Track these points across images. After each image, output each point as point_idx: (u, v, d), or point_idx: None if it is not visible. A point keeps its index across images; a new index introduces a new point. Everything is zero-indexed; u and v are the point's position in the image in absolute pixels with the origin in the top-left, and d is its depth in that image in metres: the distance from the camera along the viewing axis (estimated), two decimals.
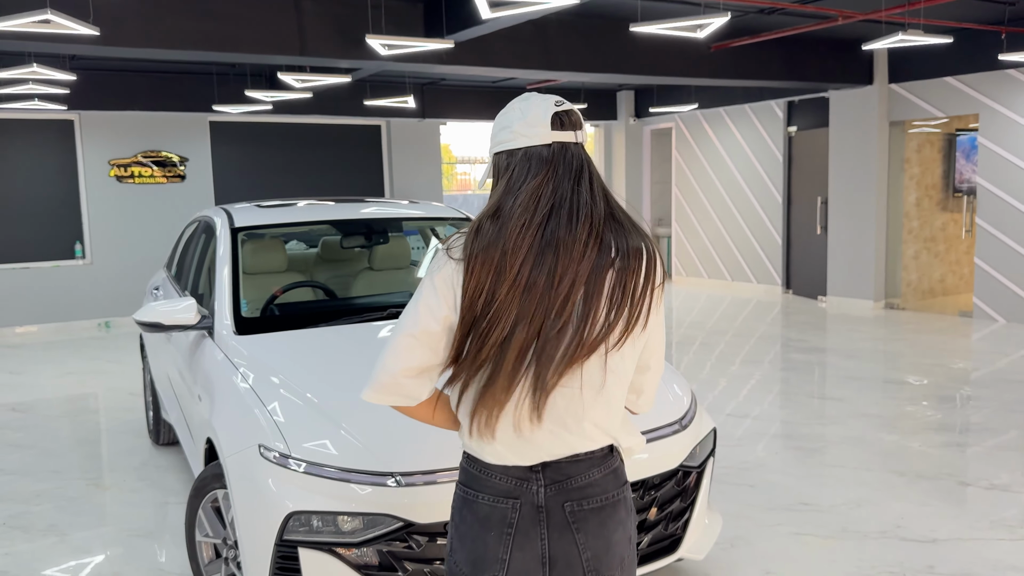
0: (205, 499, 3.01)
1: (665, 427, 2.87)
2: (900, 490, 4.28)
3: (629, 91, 13.43)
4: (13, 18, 4.77)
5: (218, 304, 3.50)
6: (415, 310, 1.65)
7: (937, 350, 7.69)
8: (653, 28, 5.64)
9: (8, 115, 9.68)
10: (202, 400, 3.22)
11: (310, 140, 11.57)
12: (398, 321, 1.68)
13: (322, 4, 6.56)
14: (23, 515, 4.25)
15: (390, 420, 2.59)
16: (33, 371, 7.80)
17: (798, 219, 11.28)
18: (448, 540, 1.78)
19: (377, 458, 2.55)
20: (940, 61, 9.20)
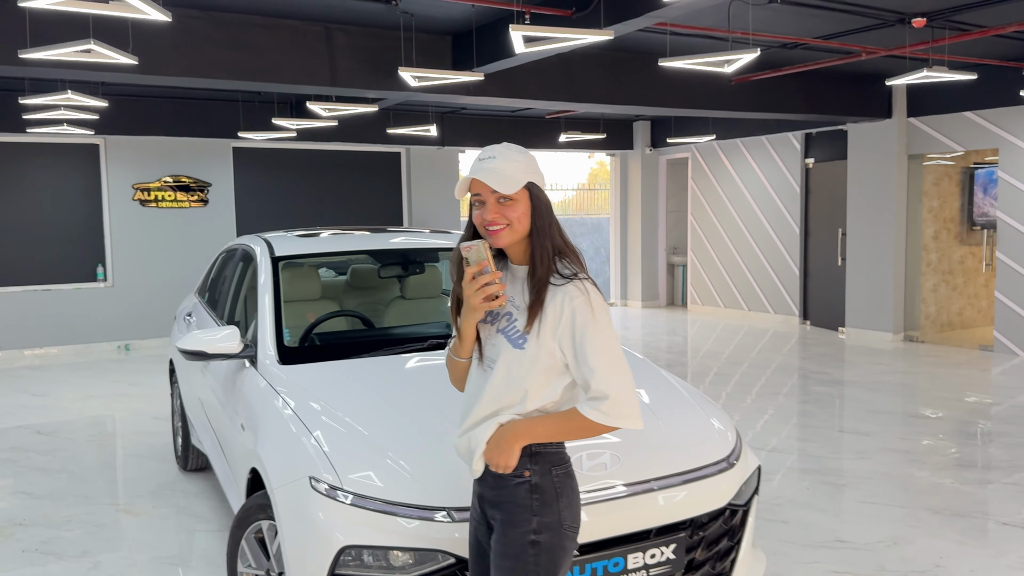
0: (249, 530, 3.01)
1: (713, 465, 2.87)
2: (936, 528, 4.25)
3: (646, 121, 13.52)
4: (58, 47, 4.86)
5: (260, 334, 3.52)
6: (615, 334, 2.07)
7: (960, 384, 7.66)
8: (682, 63, 5.70)
9: (35, 139, 9.81)
10: (246, 429, 3.24)
11: (331, 166, 11.67)
12: (608, 346, 2.03)
13: (353, 37, 6.65)
14: (55, 540, 4.26)
15: (439, 453, 2.62)
16: (56, 393, 7.83)
17: (816, 250, 11.29)
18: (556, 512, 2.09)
19: (429, 492, 2.56)
20: (959, 96, 9.25)
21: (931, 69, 6.33)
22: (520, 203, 2.06)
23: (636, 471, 2.71)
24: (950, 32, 6.68)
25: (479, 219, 2.08)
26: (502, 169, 2.04)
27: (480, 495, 2.19)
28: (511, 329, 2.10)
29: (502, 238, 2.06)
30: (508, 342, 2.10)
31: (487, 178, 2.03)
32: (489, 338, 2.15)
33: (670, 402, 3.16)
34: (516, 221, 2.05)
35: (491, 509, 2.15)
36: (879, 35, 7.00)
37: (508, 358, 2.09)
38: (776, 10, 6.18)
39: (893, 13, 6.45)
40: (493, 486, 2.13)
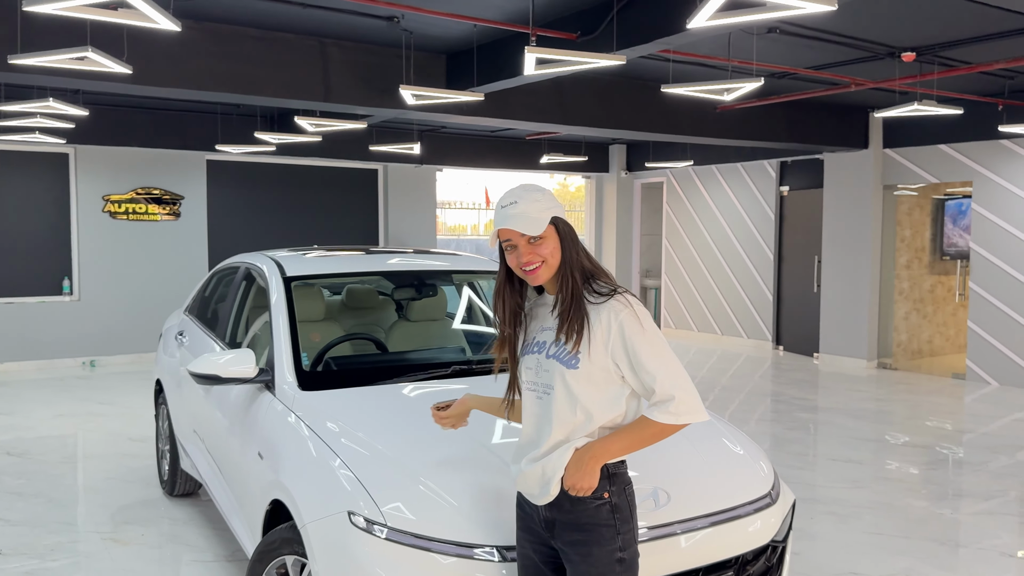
0: (271, 565, 2.87)
1: (758, 501, 2.82)
2: (944, 559, 4.26)
3: (622, 145, 13.60)
4: (52, 53, 4.67)
5: (278, 358, 3.38)
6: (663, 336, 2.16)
7: (939, 412, 7.76)
8: (685, 90, 5.71)
9: (1, 147, 9.47)
10: (264, 458, 3.10)
11: (307, 182, 11.49)
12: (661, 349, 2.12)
13: (348, 52, 6.55)
14: (41, 572, 4.03)
15: (483, 486, 2.53)
16: (23, 411, 7.51)
17: (789, 276, 11.43)
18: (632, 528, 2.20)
19: (474, 527, 2.45)
20: (935, 129, 9.46)
21: (921, 103, 6.45)
22: (549, 239, 2.16)
23: (686, 508, 2.64)
24: (938, 67, 6.82)
25: (514, 262, 2.18)
26: (526, 212, 2.13)
27: (549, 520, 2.20)
28: (561, 352, 2.16)
29: (540, 276, 2.17)
30: (561, 364, 2.16)
31: (514, 224, 2.13)
32: (539, 366, 2.21)
33: (710, 436, 3.10)
34: (549, 256, 2.16)
35: (567, 532, 2.17)
36: (869, 67, 7.12)
37: (565, 380, 2.15)
38: (773, 40, 6.25)
39: (884, 47, 6.56)
40: (570, 509, 2.16)
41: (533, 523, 2.25)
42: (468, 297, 4.65)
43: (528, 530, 2.27)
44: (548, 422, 2.17)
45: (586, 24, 5.48)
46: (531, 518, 2.25)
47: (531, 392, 2.22)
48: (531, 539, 2.26)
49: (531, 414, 2.23)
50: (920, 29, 6.04)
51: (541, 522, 2.22)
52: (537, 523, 2.23)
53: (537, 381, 2.20)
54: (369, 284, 4.65)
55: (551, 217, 2.15)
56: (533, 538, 2.26)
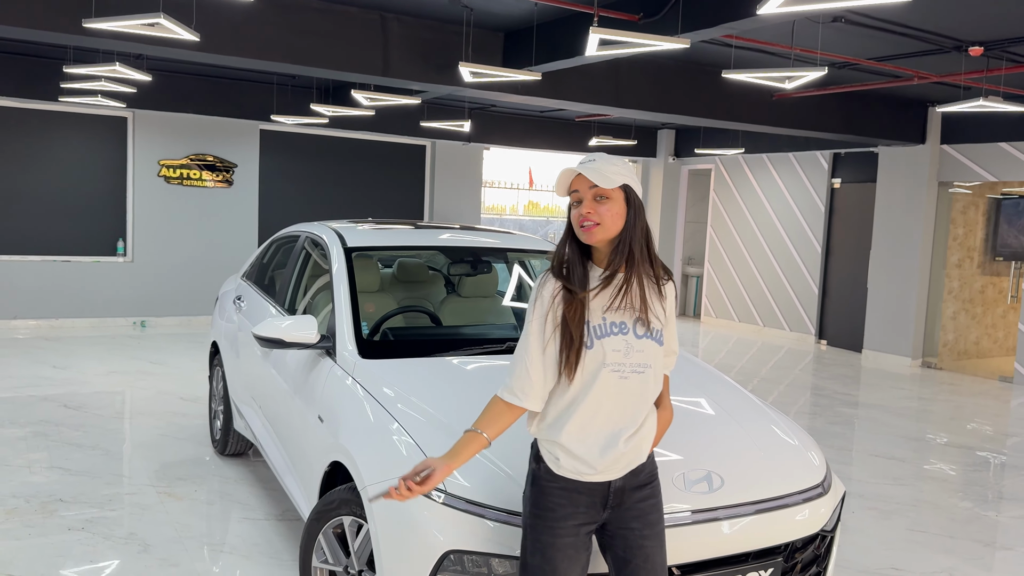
0: (328, 524, 2.96)
1: (810, 490, 2.83)
2: (987, 561, 4.23)
3: (671, 130, 13.49)
4: (124, 19, 4.78)
5: (339, 326, 3.46)
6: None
7: (984, 414, 7.66)
8: (746, 76, 5.67)
9: (63, 108, 9.70)
10: (325, 422, 3.18)
11: (355, 155, 11.60)
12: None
13: (409, 27, 6.59)
14: (100, 520, 4.19)
15: None
16: (77, 366, 7.74)
17: (836, 270, 11.29)
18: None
19: None
20: (996, 125, 9.25)
21: (987, 99, 6.31)
22: (615, 203, 2.16)
23: (738, 493, 2.67)
24: (1006, 63, 6.66)
25: (575, 217, 2.20)
26: (601, 169, 2.17)
27: (619, 489, 2.24)
28: (654, 331, 2.22)
29: (594, 234, 2.16)
30: (654, 342, 2.23)
31: (587, 173, 2.16)
32: (629, 347, 2.20)
33: (764, 426, 3.12)
34: (609, 220, 2.15)
35: (636, 492, 2.27)
36: (933, 61, 6.98)
37: (656, 357, 2.24)
38: (838, 29, 6.15)
39: (951, 40, 6.43)
40: (641, 469, 2.28)
41: (591, 501, 2.22)
42: (519, 275, 4.70)
43: (575, 516, 2.22)
44: (643, 399, 2.23)
45: (649, 6, 5.45)
46: (588, 496, 2.22)
47: (615, 373, 2.17)
48: (579, 523, 2.22)
49: (618, 394, 2.19)
50: (990, 23, 5.91)
51: (607, 496, 2.23)
52: (597, 499, 2.23)
53: (627, 362, 2.18)
54: (421, 259, 4.71)
55: (623, 183, 2.16)
56: (582, 521, 2.22)
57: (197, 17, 5.63)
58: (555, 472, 2.22)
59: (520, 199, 21.03)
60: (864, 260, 10.80)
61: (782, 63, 6.99)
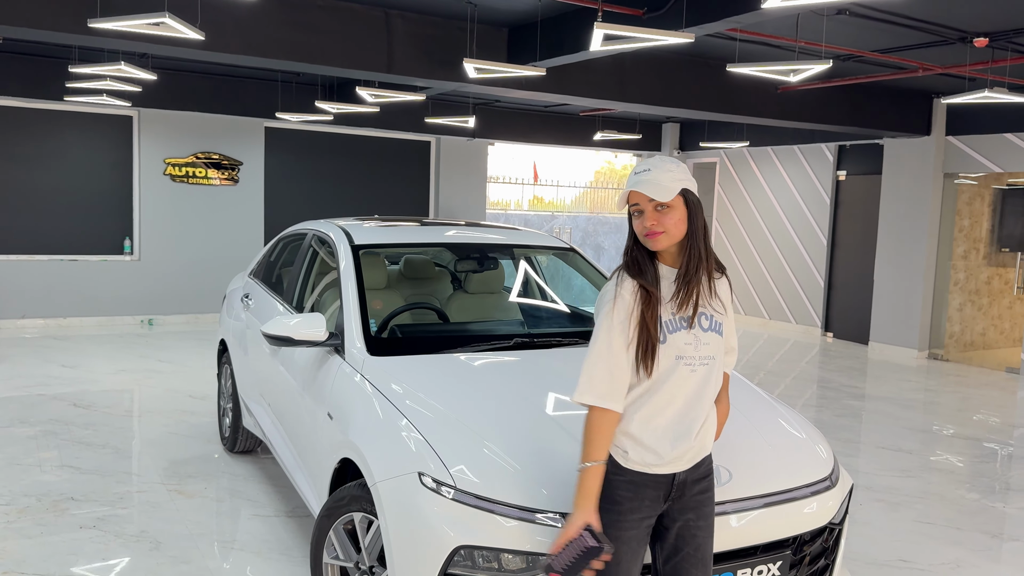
0: (339, 521, 2.98)
1: (818, 483, 2.84)
2: (995, 553, 4.24)
3: (675, 124, 13.47)
4: (129, 18, 4.80)
5: (347, 324, 3.48)
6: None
7: (993, 405, 7.65)
8: (750, 70, 5.66)
9: (69, 108, 9.73)
10: (334, 419, 3.20)
11: (360, 152, 11.62)
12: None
13: (412, 24, 6.60)
14: (111, 518, 4.22)
15: (545, 452, 2.60)
16: (86, 365, 7.78)
17: (842, 263, 11.28)
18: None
19: (537, 492, 2.52)
20: (1001, 117, 9.23)
21: (992, 90, 6.30)
22: (676, 210, 2.22)
23: (746, 487, 2.68)
24: (1012, 54, 6.64)
25: (639, 227, 2.24)
26: (658, 180, 2.19)
27: (682, 482, 2.29)
28: (713, 324, 2.29)
29: (660, 242, 2.22)
30: (717, 334, 2.30)
31: (644, 188, 2.19)
32: (698, 340, 2.26)
33: (772, 420, 3.13)
34: (673, 227, 2.21)
35: (696, 485, 2.32)
36: (938, 52, 6.96)
37: (720, 349, 2.32)
38: (842, 21, 6.14)
39: (956, 31, 6.42)
40: (702, 461, 2.34)
41: (655, 495, 2.26)
42: (525, 271, 4.71)
43: (640, 509, 2.25)
44: (709, 391, 2.29)
45: (653, 0, 5.45)
46: (654, 489, 2.25)
47: (687, 367, 2.23)
48: (643, 516, 2.26)
49: (688, 386, 2.25)
50: (995, 14, 5.89)
51: (670, 489, 2.27)
52: (663, 490, 2.27)
53: (696, 355, 2.24)
54: (427, 255, 4.73)
55: (681, 188, 2.20)
56: (646, 514, 2.26)
57: (202, 16, 5.65)
58: (623, 465, 2.25)
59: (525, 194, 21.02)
60: (870, 252, 10.79)
61: (787, 56, 6.98)
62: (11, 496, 4.46)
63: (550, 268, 5.36)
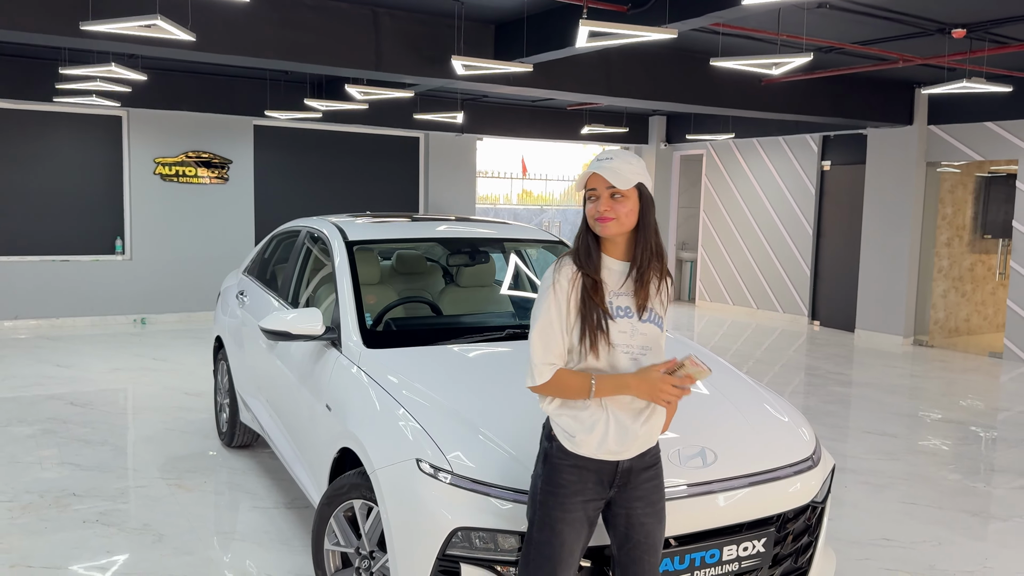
0: (339, 508, 3.08)
1: (800, 463, 2.96)
2: (977, 530, 4.37)
3: (661, 116, 13.58)
4: (121, 21, 4.86)
5: (344, 318, 3.57)
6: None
7: (975, 390, 7.81)
8: (733, 64, 5.76)
9: (58, 109, 9.75)
10: (332, 410, 3.30)
11: (350, 148, 11.68)
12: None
13: (400, 22, 6.67)
14: (113, 512, 4.30)
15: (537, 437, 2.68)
16: (81, 364, 7.84)
17: (828, 252, 11.42)
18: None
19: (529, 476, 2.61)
20: (981, 106, 9.37)
21: (970, 80, 6.42)
22: (629, 200, 2.31)
23: (731, 468, 2.79)
24: (989, 44, 6.77)
25: (592, 211, 2.33)
26: (618, 168, 2.30)
27: (626, 469, 2.35)
28: (652, 315, 2.37)
29: (609, 228, 2.30)
30: (657, 326, 2.38)
31: (605, 174, 2.29)
32: (635, 330, 2.33)
33: (755, 403, 3.25)
34: (624, 216, 2.30)
35: (643, 473, 2.40)
36: (917, 43, 7.08)
37: (658, 341, 2.39)
38: (823, 14, 6.25)
39: (934, 22, 6.54)
40: (647, 453, 2.41)
41: (599, 480, 2.33)
42: (515, 264, 4.80)
43: (584, 492, 2.33)
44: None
45: None
46: (597, 475, 2.33)
47: (626, 354, 2.32)
48: (588, 499, 2.33)
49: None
50: (972, 5, 6.02)
51: (615, 476, 2.34)
52: (606, 478, 2.34)
53: (632, 344, 2.32)
54: (419, 250, 4.82)
55: (637, 181, 2.30)
56: (590, 497, 2.33)
57: (193, 17, 5.71)
58: (568, 450, 2.33)
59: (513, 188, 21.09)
60: (855, 241, 10.94)
61: (769, 49, 7.09)
62: (13, 493, 4.53)
63: (540, 261, 5.46)
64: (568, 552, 2.34)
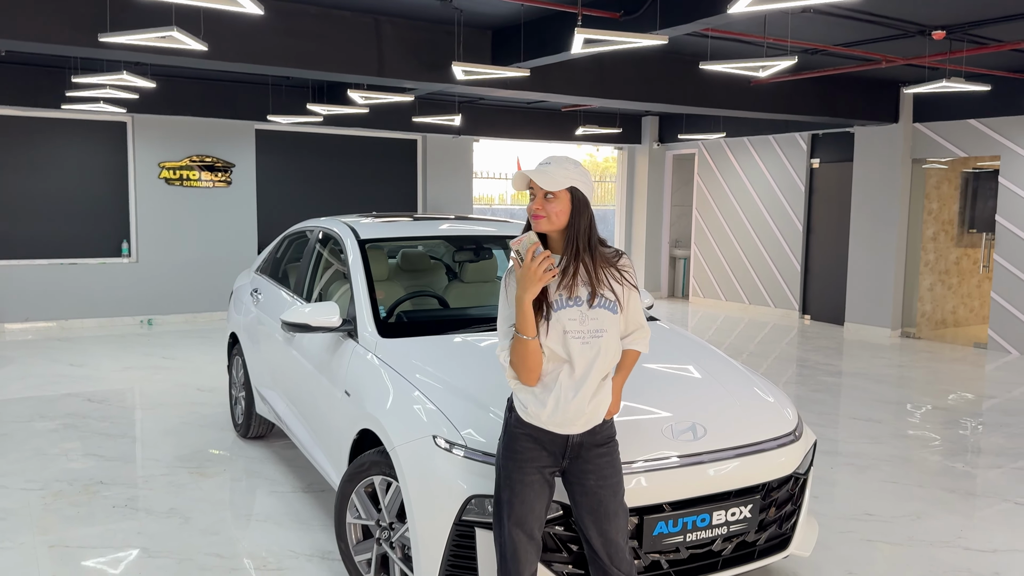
0: (360, 484, 3.33)
1: (784, 437, 3.23)
2: (954, 505, 4.65)
3: (654, 117, 13.86)
4: (139, 32, 5.11)
5: (359, 310, 3.83)
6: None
7: (959, 378, 8.10)
8: (721, 67, 6.03)
9: (65, 115, 9.99)
10: (351, 396, 3.55)
11: (349, 151, 11.93)
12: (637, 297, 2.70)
13: (400, 29, 6.93)
14: (141, 498, 4.55)
15: None
16: (92, 364, 8.07)
17: (818, 247, 11.71)
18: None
19: None
20: (964, 104, 9.66)
21: (950, 80, 6.70)
22: (561, 201, 2.54)
23: (720, 440, 3.06)
24: (968, 45, 7.06)
25: (530, 207, 2.58)
26: (551, 173, 2.54)
27: (577, 444, 2.62)
28: (602, 301, 2.59)
29: (540, 225, 2.56)
30: (608, 311, 2.60)
31: (536, 177, 2.54)
32: (584, 316, 2.58)
33: (742, 383, 3.52)
34: (555, 215, 2.54)
35: (594, 450, 2.64)
36: (900, 45, 7.36)
37: (612, 324, 2.61)
38: (808, 18, 6.53)
39: (915, 25, 6.81)
40: (599, 431, 2.65)
41: (552, 449, 2.61)
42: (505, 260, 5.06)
43: (540, 459, 2.61)
44: (599, 360, 2.58)
45: (629, 3, 5.80)
46: (550, 445, 2.61)
47: (576, 339, 2.56)
48: (543, 465, 2.62)
49: (581, 356, 2.57)
50: (951, 8, 6.29)
51: (567, 448, 2.61)
52: (558, 448, 2.62)
53: (583, 329, 2.56)
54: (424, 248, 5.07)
55: (570, 185, 2.52)
56: (545, 464, 2.62)
57: (205, 27, 5.95)
58: (523, 420, 2.62)
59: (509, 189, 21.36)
60: (844, 236, 11.23)
61: (756, 52, 7.37)
62: (43, 482, 4.78)
63: None
64: (529, 509, 2.63)
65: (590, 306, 2.57)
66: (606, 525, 2.63)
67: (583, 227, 2.55)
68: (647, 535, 2.87)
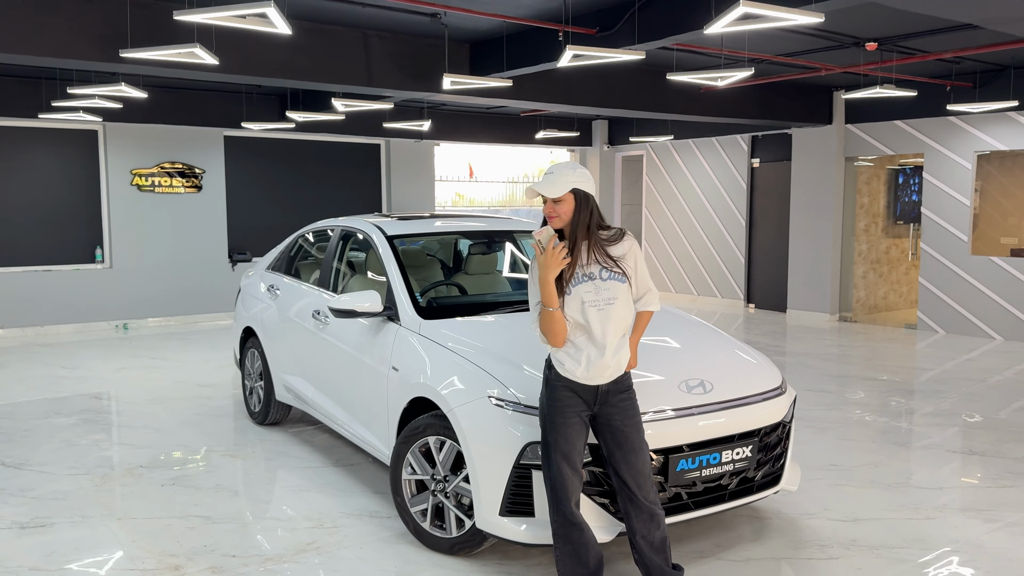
0: (415, 445, 3.85)
1: (774, 390, 3.88)
2: (902, 455, 5.39)
3: (603, 120, 14.58)
4: (162, 49, 5.50)
5: (399, 297, 4.35)
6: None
7: (896, 355, 8.98)
8: (688, 77, 6.71)
9: (38, 124, 10.13)
10: (400, 370, 4.06)
11: (315, 156, 12.30)
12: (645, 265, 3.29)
13: (387, 42, 7.42)
14: (185, 477, 4.95)
15: None
16: (84, 366, 8.31)
17: (760, 241, 12.59)
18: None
19: None
20: (891, 106, 10.61)
21: (882, 86, 7.53)
22: (567, 202, 3.16)
23: (725, 393, 3.68)
24: (897, 55, 7.91)
25: (544, 210, 3.22)
26: (553, 180, 3.14)
27: (605, 391, 3.20)
28: (613, 275, 3.18)
29: (554, 223, 3.19)
30: (617, 281, 3.19)
31: (541, 189, 3.15)
32: (598, 288, 3.17)
33: (735, 351, 4.16)
34: (564, 213, 3.16)
35: (617, 396, 3.21)
36: (837, 54, 8.18)
37: (622, 291, 3.19)
38: (759, 32, 7.26)
39: (850, 37, 7.62)
40: (620, 380, 3.23)
41: (585, 396, 3.17)
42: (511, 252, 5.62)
43: (576, 405, 3.17)
44: (614, 324, 3.16)
45: (604, 21, 6.43)
46: (584, 393, 3.16)
47: (593, 307, 3.14)
48: (580, 409, 3.18)
49: (600, 320, 3.16)
50: (882, 24, 7.10)
51: (597, 395, 3.19)
52: (590, 396, 3.18)
53: (598, 298, 3.14)
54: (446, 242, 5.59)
55: (571, 188, 3.11)
56: (581, 409, 3.18)
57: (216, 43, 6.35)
58: (561, 374, 3.20)
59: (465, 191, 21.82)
60: (784, 230, 12.11)
61: (713, 63, 8.09)
62: (87, 468, 5.13)
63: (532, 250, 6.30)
64: (572, 446, 3.20)
65: (602, 279, 3.17)
66: (633, 457, 3.22)
67: (583, 219, 3.14)
68: (672, 471, 3.47)
